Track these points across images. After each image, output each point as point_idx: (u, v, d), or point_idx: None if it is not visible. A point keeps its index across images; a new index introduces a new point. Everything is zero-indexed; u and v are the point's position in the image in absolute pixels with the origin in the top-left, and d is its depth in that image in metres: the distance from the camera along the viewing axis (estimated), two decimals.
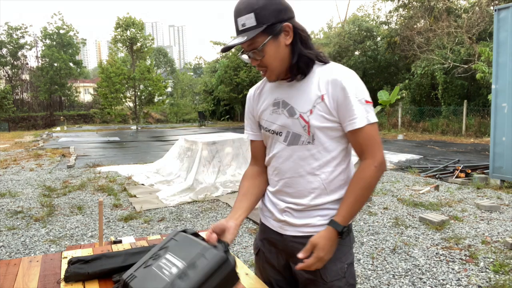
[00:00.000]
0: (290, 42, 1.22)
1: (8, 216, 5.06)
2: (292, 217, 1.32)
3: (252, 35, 1.16)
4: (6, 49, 35.00)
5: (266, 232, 1.43)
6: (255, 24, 1.17)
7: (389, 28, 21.52)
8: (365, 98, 1.22)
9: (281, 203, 1.35)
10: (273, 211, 1.38)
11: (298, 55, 1.23)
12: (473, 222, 4.40)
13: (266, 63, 1.23)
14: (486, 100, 14.53)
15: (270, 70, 1.25)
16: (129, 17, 27.08)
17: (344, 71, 1.24)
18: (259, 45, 1.19)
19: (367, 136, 1.23)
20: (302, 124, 1.25)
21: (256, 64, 1.26)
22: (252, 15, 1.17)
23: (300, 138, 1.27)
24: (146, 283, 1.11)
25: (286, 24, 1.20)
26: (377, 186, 6.31)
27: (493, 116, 6.03)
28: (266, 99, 1.36)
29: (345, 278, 1.33)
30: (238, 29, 1.21)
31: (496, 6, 6.52)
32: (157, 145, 14.34)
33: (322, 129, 1.24)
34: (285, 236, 1.35)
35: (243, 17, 1.18)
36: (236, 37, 1.22)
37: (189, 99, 40.48)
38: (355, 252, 3.58)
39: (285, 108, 1.29)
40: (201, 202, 5.60)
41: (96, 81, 34.02)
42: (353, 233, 1.42)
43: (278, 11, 1.19)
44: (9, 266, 1.57)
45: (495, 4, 15.30)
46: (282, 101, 1.30)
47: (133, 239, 2.12)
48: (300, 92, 1.26)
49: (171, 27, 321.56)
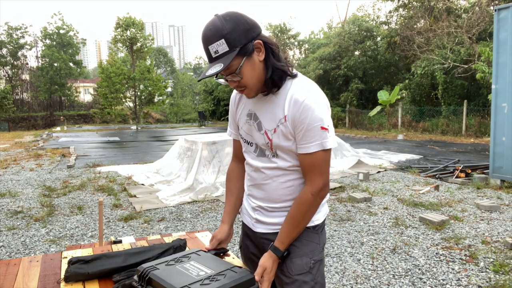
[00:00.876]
0: (263, 57, 1.23)
1: (8, 216, 5.06)
2: (263, 216, 1.42)
3: (228, 61, 1.17)
4: (6, 49, 34.99)
5: (244, 227, 1.55)
6: (228, 49, 1.17)
7: (389, 28, 21.51)
8: (321, 125, 1.22)
9: (253, 203, 1.45)
10: (248, 208, 1.49)
11: (272, 68, 1.24)
12: (473, 222, 4.40)
13: (245, 84, 1.25)
14: (486, 100, 14.53)
15: (249, 89, 1.27)
16: (129, 17, 27.08)
17: (306, 92, 1.24)
18: (235, 68, 1.21)
19: (312, 163, 1.26)
20: (266, 140, 1.31)
21: (235, 86, 1.28)
22: (223, 41, 1.16)
23: (265, 152, 1.35)
24: (170, 277, 1.15)
25: (257, 42, 1.21)
26: (377, 186, 6.32)
27: (493, 116, 6.03)
28: (243, 107, 1.41)
29: (312, 274, 1.36)
30: (212, 57, 1.20)
31: (496, 6, 6.52)
32: (157, 145, 14.34)
33: (283, 147, 1.30)
34: (257, 233, 1.45)
35: (214, 44, 1.17)
36: (211, 64, 1.21)
37: (189, 99, 40.49)
38: (355, 252, 3.58)
39: (255, 122, 1.35)
40: (201, 202, 5.60)
41: (96, 81, 34.03)
42: (325, 234, 1.47)
43: (246, 30, 1.19)
44: (9, 266, 1.57)
45: (495, 4, 15.30)
46: (254, 114, 1.35)
47: (133, 239, 2.12)
48: (270, 109, 1.30)
49: (171, 27, 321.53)
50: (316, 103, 1.23)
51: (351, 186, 6.44)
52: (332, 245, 3.78)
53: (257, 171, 1.40)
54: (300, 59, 28.66)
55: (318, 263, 1.39)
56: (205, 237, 1.95)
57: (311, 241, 1.38)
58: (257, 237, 1.45)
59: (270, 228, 1.40)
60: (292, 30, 28.57)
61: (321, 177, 1.29)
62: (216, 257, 1.33)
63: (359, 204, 5.26)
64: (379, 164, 8.51)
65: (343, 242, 3.87)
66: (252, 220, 1.46)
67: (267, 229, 1.41)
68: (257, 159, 1.39)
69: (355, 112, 20.94)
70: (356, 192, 5.85)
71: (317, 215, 1.40)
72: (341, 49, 22.19)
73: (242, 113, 1.41)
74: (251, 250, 1.52)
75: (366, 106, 21.98)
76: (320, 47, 25.39)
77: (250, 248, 1.52)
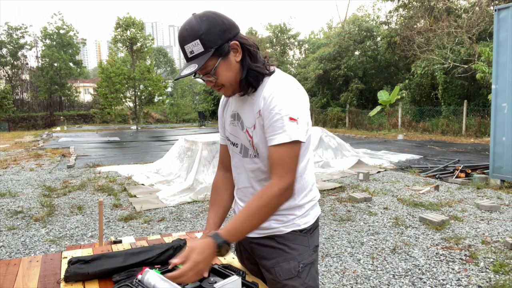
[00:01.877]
0: (240, 58, 1.23)
1: (8, 216, 5.06)
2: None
3: (202, 62, 1.16)
4: (6, 49, 35.02)
5: None
6: (203, 50, 1.16)
7: (389, 28, 21.51)
8: (289, 115, 1.18)
9: (240, 207, 1.43)
10: (237, 212, 1.46)
11: (247, 70, 1.23)
12: (473, 222, 4.40)
13: (221, 82, 1.25)
14: (486, 100, 14.52)
15: (226, 88, 1.27)
16: (129, 17, 27.08)
17: (275, 85, 1.23)
18: (211, 69, 1.20)
19: (280, 156, 1.19)
20: (248, 138, 1.30)
21: (212, 85, 1.27)
22: (198, 41, 1.16)
23: (248, 151, 1.32)
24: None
25: (234, 43, 1.20)
26: (377, 186, 6.31)
27: (493, 116, 6.03)
28: (229, 109, 1.42)
29: (301, 279, 1.32)
30: (187, 56, 1.20)
31: (496, 6, 6.51)
32: (157, 145, 14.34)
33: (262, 143, 1.26)
34: (246, 237, 1.35)
35: (189, 44, 1.17)
36: (187, 64, 1.21)
37: (189, 99, 40.51)
38: (355, 252, 3.58)
39: (239, 121, 1.34)
40: (201, 202, 5.60)
41: (96, 81, 34.02)
42: (317, 235, 1.42)
43: (222, 31, 1.18)
44: (9, 266, 1.57)
45: (495, 4, 15.30)
46: (236, 114, 1.35)
47: (133, 239, 2.12)
48: (249, 107, 1.29)
49: (171, 27, 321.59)
50: (285, 94, 1.20)
51: (351, 186, 6.44)
52: (332, 245, 3.78)
53: (242, 173, 1.39)
54: (300, 59, 28.69)
55: (307, 266, 1.34)
56: None
57: (299, 244, 1.34)
58: (246, 241, 1.41)
59: (259, 232, 1.34)
60: (292, 30, 28.60)
61: (290, 174, 1.20)
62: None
63: (359, 204, 5.26)
64: (379, 164, 8.51)
65: (343, 242, 3.87)
66: None
67: (256, 234, 1.35)
68: (242, 160, 1.37)
69: (355, 112, 20.95)
70: (356, 192, 5.85)
71: (305, 218, 1.36)
72: (341, 49, 22.20)
73: (227, 115, 1.42)
74: (244, 254, 1.52)
75: (366, 106, 21.99)
76: (320, 47, 25.40)
77: (243, 252, 1.52)
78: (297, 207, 1.35)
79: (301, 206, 1.35)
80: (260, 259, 1.38)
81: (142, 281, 1.19)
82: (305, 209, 1.37)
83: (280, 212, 1.31)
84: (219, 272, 1.30)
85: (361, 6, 42.91)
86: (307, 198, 1.37)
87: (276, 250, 1.33)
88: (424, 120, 17.48)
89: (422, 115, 17.98)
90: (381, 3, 22.39)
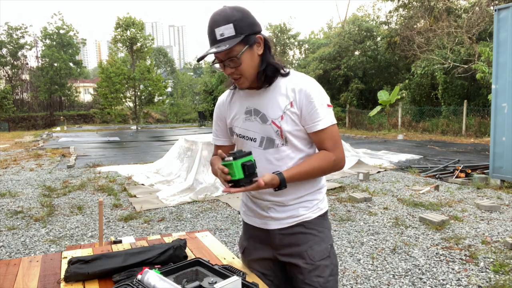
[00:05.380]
0: (261, 52, 1.34)
1: (8, 216, 5.06)
2: (276, 212, 1.45)
3: (233, 43, 1.24)
4: (6, 49, 35.00)
5: (250, 230, 1.56)
6: (234, 34, 1.25)
7: (389, 28, 21.50)
8: (327, 103, 1.38)
9: (264, 202, 1.46)
10: (256, 209, 1.50)
11: (267, 64, 1.35)
12: (473, 222, 4.40)
13: (241, 71, 1.32)
14: (486, 100, 14.52)
15: (244, 78, 1.34)
16: (129, 17, 27.09)
17: (306, 79, 1.39)
18: (237, 53, 1.28)
19: (329, 136, 1.38)
20: (275, 129, 1.38)
21: (231, 72, 1.34)
22: (231, 25, 1.25)
23: (275, 141, 1.40)
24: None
25: (259, 36, 1.32)
26: (377, 186, 6.32)
27: (493, 116, 6.03)
28: (237, 108, 1.47)
29: (330, 258, 1.48)
30: (216, 39, 1.27)
31: (496, 6, 6.51)
32: (157, 145, 14.34)
33: (293, 132, 1.38)
34: (271, 231, 1.46)
35: (222, 27, 1.25)
36: (214, 46, 1.28)
37: (189, 99, 40.49)
38: (355, 252, 3.58)
39: (257, 116, 1.41)
40: (201, 202, 5.60)
41: (96, 81, 34.03)
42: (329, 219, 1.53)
43: (252, 24, 1.30)
44: (9, 266, 1.57)
45: (495, 4, 15.30)
46: (253, 109, 1.42)
47: (133, 239, 2.12)
48: (270, 101, 1.39)
49: (171, 27, 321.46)
50: (318, 86, 1.38)
51: (351, 186, 6.44)
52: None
53: (266, 163, 1.41)
54: (300, 59, 28.66)
55: (332, 246, 1.50)
56: (205, 237, 1.95)
57: (324, 227, 1.49)
58: (271, 234, 1.47)
59: (289, 221, 1.45)
60: (292, 30, 28.56)
61: (340, 148, 1.40)
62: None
63: (359, 204, 5.26)
64: (379, 164, 8.51)
65: (343, 242, 3.87)
66: (264, 220, 1.48)
67: (282, 224, 1.45)
68: (263, 152, 1.41)
69: (355, 112, 20.94)
70: (356, 192, 5.85)
71: (324, 203, 1.52)
72: (341, 49, 22.18)
73: (238, 113, 1.46)
74: (257, 252, 1.54)
75: (366, 106, 21.99)
76: (320, 47, 25.38)
77: (257, 250, 1.54)
78: (318, 190, 1.49)
79: (320, 190, 1.50)
80: (290, 247, 1.46)
81: (142, 281, 1.19)
82: (323, 193, 1.52)
83: (307, 197, 1.45)
84: (219, 273, 1.30)
85: (361, 6, 42.93)
86: (323, 182, 1.53)
87: (306, 235, 1.45)
88: (424, 120, 17.48)
89: (422, 115, 17.97)
90: (381, 3, 22.38)
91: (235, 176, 1.22)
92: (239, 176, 1.21)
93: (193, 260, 1.40)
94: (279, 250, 1.48)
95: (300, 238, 1.45)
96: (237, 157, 1.22)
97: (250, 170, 1.24)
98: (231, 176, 1.23)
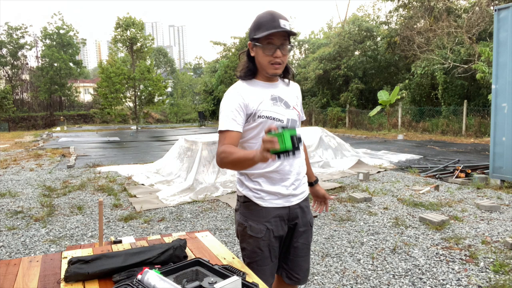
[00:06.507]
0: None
1: (8, 216, 5.06)
2: (295, 189, 1.76)
3: (294, 33, 1.61)
4: (6, 49, 35.02)
5: (269, 213, 1.72)
6: (291, 30, 1.60)
7: (389, 28, 21.49)
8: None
9: (286, 180, 1.72)
10: (277, 190, 1.71)
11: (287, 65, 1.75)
12: (473, 222, 4.40)
13: (284, 60, 1.66)
14: (486, 100, 14.52)
15: (283, 66, 1.67)
16: (129, 17, 27.09)
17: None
18: (291, 46, 1.66)
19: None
20: (296, 113, 1.76)
21: (280, 56, 1.62)
22: (289, 23, 1.61)
23: (296, 122, 1.76)
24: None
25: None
26: (377, 186, 6.32)
27: (493, 116, 6.03)
28: (260, 95, 1.69)
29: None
30: (280, 26, 1.56)
31: (496, 6, 6.51)
32: (157, 145, 14.34)
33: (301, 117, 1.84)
34: (291, 207, 1.76)
35: (284, 20, 1.58)
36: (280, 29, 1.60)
37: (189, 99, 40.50)
38: (355, 252, 3.59)
39: (281, 102, 1.73)
40: (201, 202, 5.60)
41: (96, 81, 34.02)
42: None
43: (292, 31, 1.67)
44: (9, 266, 1.57)
45: (495, 4, 15.30)
46: (278, 97, 1.73)
47: (133, 239, 2.12)
48: (288, 93, 1.78)
49: (171, 27, 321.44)
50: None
51: (351, 186, 6.44)
52: (332, 245, 3.78)
53: None
54: (300, 59, 28.67)
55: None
56: (205, 237, 1.95)
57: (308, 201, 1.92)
58: (290, 210, 1.75)
59: (301, 197, 1.79)
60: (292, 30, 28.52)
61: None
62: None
63: (359, 204, 5.27)
64: (379, 164, 8.51)
65: (343, 242, 3.87)
66: (286, 198, 1.73)
67: (298, 199, 1.77)
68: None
69: (355, 112, 20.95)
70: (356, 192, 5.85)
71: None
72: (341, 49, 22.18)
73: (263, 99, 1.68)
74: (278, 230, 1.73)
75: (366, 106, 21.99)
76: (320, 47, 25.38)
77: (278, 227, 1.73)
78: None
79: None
80: (303, 217, 1.81)
81: (142, 281, 1.19)
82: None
83: (305, 176, 1.85)
84: (219, 273, 1.30)
85: (361, 6, 42.93)
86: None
87: (308, 207, 1.86)
88: (424, 120, 17.48)
89: (422, 115, 17.97)
90: (381, 3, 22.41)
91: (284, 145, 1.25)
92: (288, 146, 1.25)
93: (193, 260, 1.40)
94: (295, 220, 1.78)
95: (308, 208, 1.85)
96: (287, 129, 1.28)
97: (298, 141, 1.29)
98: (279, 146, 1.26)
